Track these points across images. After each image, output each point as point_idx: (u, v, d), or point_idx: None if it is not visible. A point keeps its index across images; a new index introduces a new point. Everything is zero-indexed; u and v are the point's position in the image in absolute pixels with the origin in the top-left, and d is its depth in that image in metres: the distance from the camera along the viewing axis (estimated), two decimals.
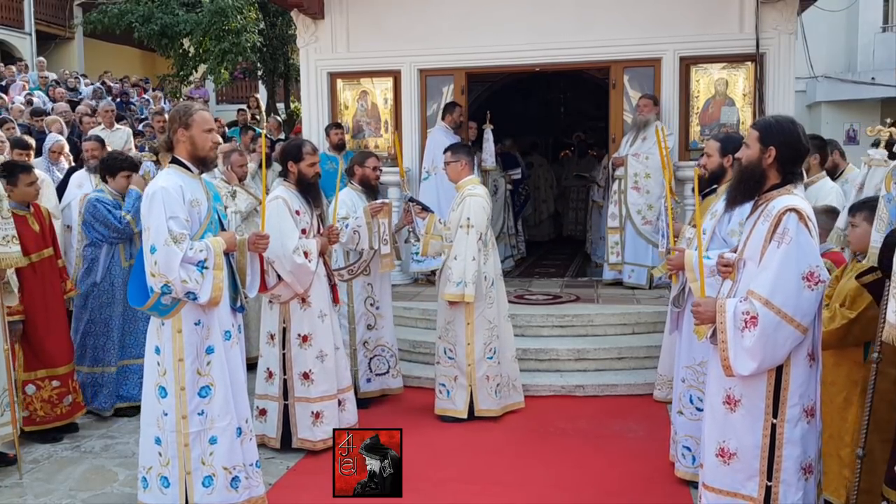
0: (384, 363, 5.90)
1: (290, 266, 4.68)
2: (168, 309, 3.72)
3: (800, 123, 3.27)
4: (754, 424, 3.14)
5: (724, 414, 3.23)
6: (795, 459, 3.10)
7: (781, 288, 3.00)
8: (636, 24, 7.57)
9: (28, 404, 5.09)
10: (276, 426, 4.96)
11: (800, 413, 3.11)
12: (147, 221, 3.68)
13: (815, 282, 3.00)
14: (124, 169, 5.64)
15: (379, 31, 8.09)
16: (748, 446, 3.16)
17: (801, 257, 3.01)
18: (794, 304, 3.00)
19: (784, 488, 3.11)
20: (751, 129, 3.30)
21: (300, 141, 5.17)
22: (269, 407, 4.99)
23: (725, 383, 3.20)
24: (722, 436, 3.23)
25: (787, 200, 3.09)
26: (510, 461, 4.80)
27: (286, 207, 4.78)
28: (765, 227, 3.08)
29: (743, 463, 3.18)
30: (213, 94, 21.14)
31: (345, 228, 5.51)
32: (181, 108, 3.87)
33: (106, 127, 9.70)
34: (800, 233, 3.01)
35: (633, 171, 7.48)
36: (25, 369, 5.09)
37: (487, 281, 5.47)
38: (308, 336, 4.89)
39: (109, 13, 15.74)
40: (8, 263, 4.43)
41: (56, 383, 5.18)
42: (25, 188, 5.03)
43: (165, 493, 3.79)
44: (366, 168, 5.83)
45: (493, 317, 5.49)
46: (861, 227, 3.70)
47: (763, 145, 3.17)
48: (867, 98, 15.69)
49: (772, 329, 3.00)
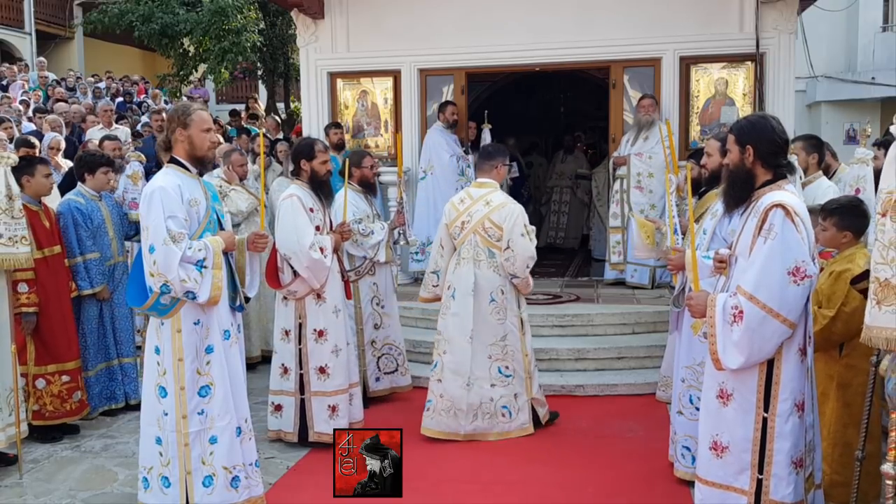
0: (392, 361, 5.93)
1: (307, 262, 4.74)
2: (167, 308, 3.72)
3: (774, 117, 3.32)
4: (746, 418, 3.17)
5: (717, 408, 3.26)
6: (786, 453, 3.12)
7: (766, 283, 3.02)
8: (636, 24, 7.56)
9: (38, 398, 5.13)
10: (293, 421, 5.01)
11: (791, 407, 3.13)
12: (146, 221, 3.68)
13: (801, 277, 3.01)
14: (103, 165, 5.65)
15: (379, 30, 8.08)
16: (740, 440, 3.19)
17: (786, 252, 3.02)
18: (780, 299, 3.01)
19: (775, 482, 3.13)
20: (728, 134, 3.36)
21: (311, 140, 5.22)
22: (286, 402, 5.03)
23: (719, 377, 3.23)
24: (715, 429, 3.27)
25: (774, 196, 3.11)
26: (510, 461, 4.80)
27: (300, 205, 4.84)
28: (754, 223, 3.12)
29: (734, 456, 3.21)
30: (213, 93, 21.15)
31: (361, 232, 5.58)
32: (180, 108, 3.88)
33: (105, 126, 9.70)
34: (786, 228, 3.02)
35: (635, 171, 7.48)
36: (36, 363, 5.13)
37: (450, 290, 5.13)
38: (324, 331, 4.94)
39: (109, 13, 15.73)
40: (13, 264, 4.42)
41: (66, 378, 5.22)
42: (42, 179, 5.11)
43: (166, 493, 3.79)
44: (363, 168, 5.86)
45: (443, 327, 5.17)
46: (829, 231, 3.82)
47: (741, 146, 3.24)
48: (867, 98, 15.68)
49: (756, 323, 3.02)
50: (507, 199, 5.12)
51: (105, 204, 5.69)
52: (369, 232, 5.67)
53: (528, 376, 5.15)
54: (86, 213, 5.47)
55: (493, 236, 5.03)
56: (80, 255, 5.39)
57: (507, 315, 5.08)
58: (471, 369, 5.04)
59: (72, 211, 5.41)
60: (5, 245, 4.30)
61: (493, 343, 5.07)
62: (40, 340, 5.13)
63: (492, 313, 5.05)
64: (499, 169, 5.21)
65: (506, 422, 5.11)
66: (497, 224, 5.00)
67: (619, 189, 7.65)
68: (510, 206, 5.05)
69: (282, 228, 4.80)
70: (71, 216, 5.39)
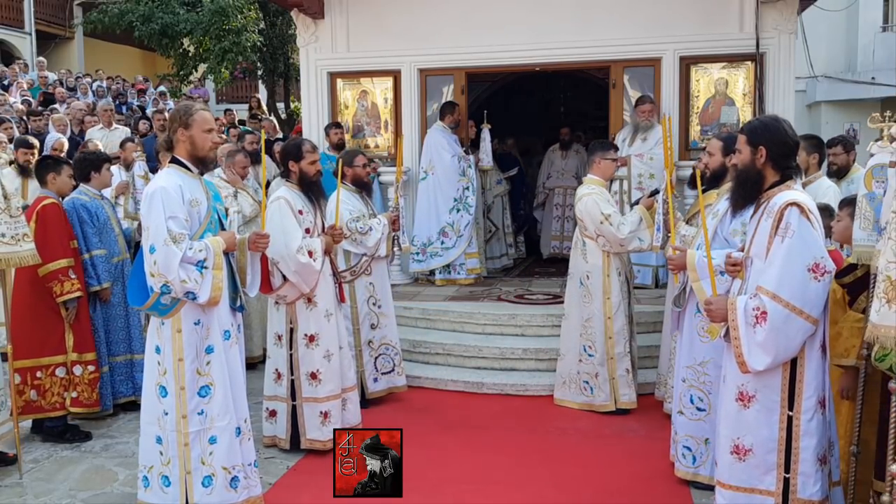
0: (389, 361, 5.92)
1: (294, 266, 4.69)
2: (168, 309, 3.72)
3: (784, 119, 3.34)
4: (770, 418, 3.18)
5: (736, 411, 3.26)
6: (813, 450, 3.14)
7: (788, 281, 3.04)
8: (636, 24, 7.56)
9: (76, 385, 5.21)
10: (285, 427, 4.97)
11: (815, 404, 3.15)
12: (146, 221, 3.69)
13: (820, 273, 3.04)
14: (106, 161, 5.74)
15: (379, 30, 8.08)
16: (764, 440, 3.20)
17: (804, 250, 3.05)
18: (802, 296, 3.03)
19: (803, 479, 3.15)
20: (738, 134, 3.38)
21: (299, 140, 5.15)
22: (279, 408, 4.99)
23: (738, 380, 3.23)
24: (736, 433, 3.27)
25: (787, 195, 3.14)
26: (510, 461, 4.80)
27: (288, 207, 4.78)
28: (768, 224, 3.12)
29: (759, 458, 3.22)
30: (213, 93, 21.14)
31: (359, 230, 5.56)
32: (181, 108, 3.87)
33: (105, 126, 9.70)
34: (802, 226, 3.05)
35: (636, 172, 7.47)
36: (77, 350, 5.23)
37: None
38: (315, 336, 4.90)
39: (109, 13, 15.72)
40: (19, 262, 4.43)
41: (91, 368, 5.29)
42: (66, 179, 5.31)
43: (166, 493, 3.80)
44: (356, 167, 5.79)
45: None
46: (844, 221, 3.79)
47: (752, 147, 3.26)
48: (867, 98, 15.67)
49: (781, 322, 3.04)
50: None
51: (107, 203, 5.72)
52: (367, 229, 5.61)
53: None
54: (91, 211, 5.48)
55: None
56: (87, 251, 5.40)
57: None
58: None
59: (77, 209, 5.43)
60: (8, 244, 4.30)
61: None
62: (79, 327, 5.22)
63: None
64: (598, 163, 5.51)
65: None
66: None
67: (619, 190, 7.64)
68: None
69: (270, 232, 4.74)
70: (76, 214, 5.40)
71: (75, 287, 5.10)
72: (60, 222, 5.15)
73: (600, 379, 5.54)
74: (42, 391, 5.12)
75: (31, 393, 5.09)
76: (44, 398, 5.12)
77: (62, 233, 5.14)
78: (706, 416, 4.27)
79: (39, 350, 5.11)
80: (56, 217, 5.12)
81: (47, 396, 5.13)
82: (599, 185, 5.55)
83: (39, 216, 5.05)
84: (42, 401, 5.12)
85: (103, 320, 5.58)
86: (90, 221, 5.45)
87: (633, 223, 5.33)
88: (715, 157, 4.55)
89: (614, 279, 5.48)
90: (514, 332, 6.63)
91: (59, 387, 5.15)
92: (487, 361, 6.41)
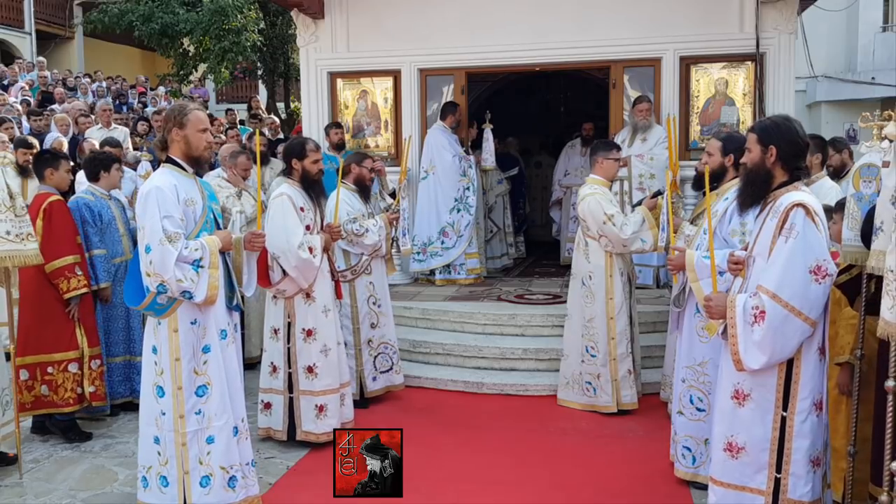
0: (388, 360, 5.93)
1: (295, 261, 4.75)
2: (164, 308, 3.72)
3: (796, 119, 3.33)
4: (764, 417, 3.18)
5: (732, 409, 3.26)
6: (805, 452, 3.14)
7: (789, 282, 3.03)
8: (636, 24, 7.56)
9: (94, 380, 5.24)
10: (282, 419, 5.02)
11: (810, 406, 3.14)
12: (142, 221, 3.68)
13: (822, 275, 3.03)
14: (115, 161, 5.75)
15: (379, 30, 8.08)
16: (757, 439, 3.20)
17: (807, 251, 3.04)
18: (802, 298, 3.03)
19: (794, 480, 3.14)
20: (749, 133, 3.36)
21: (303, 139, 5.20)
22: (275, 400, 5.04)
23: (734, 378, 3.23)
24: (730, 430, 3.27)
25: (794, 196, 3.13)
26: (510, 461, 4.80)
27: (290, 204, 4.83)
28: (773, 224, 3.12)
29: (751, 456, 3.22)
30: (212, 93, 21.15)
31: (355, 232, 5.56)
32: (176, 108, 3.88)
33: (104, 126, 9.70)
34: (807, 227, 3.05)
35: (637, 173, 7.46)
36: (90, 344, 5.24)
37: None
38: (312, 330, 4.94)
39: (110, 13, 15.74)
40: (24, 261, 4.43)
41: (97, 362, 5.30)
42: (64, 174, 5.28)
43: (165, 493, 3.80)
44: (363, 168, 5.82)
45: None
46: (839, 223, 3.78)
47: (763, 146, 3.24)
48: (867, 98, 15.65)
49: (779, 322, 3.03)
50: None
51: (115, 203, 5.71)
52: (364, 231, 5.63)
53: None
54: (95, 211, 5.48)
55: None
56: (87, 251, 5.40)
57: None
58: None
59: (80, 208, 5.44)
60: (13, 242, 4.31)
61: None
62: (87, 323, 5.24)
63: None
64: (601, 163, 5.52)
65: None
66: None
67: (619, 191, 7.63)
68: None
69: (271, 227, 4.79)
70: (79, 213, 5.40)
71: (81, 283, 5.10)
72: (66, 218, 5.16)
73: (603, 380, 5.53)
74: (54, 386, 5.11)
75: (42, 388, 5.09)
76: (56, 393, 5.12)
77: (68, 229, 5.15)
78: (706, 417, 4.26)
79: (52, 346, 5.10)
80: (62, 213, 5.13)
81: (59, 392, 5.13)
82: (602, 185, 5.54)
83: (46, 213, 5.05)
84: (54, 395, 5.12)
85: (103, 320, 5.58)
86: (92, 221, 5.45)
87: (636, 224, 5.33)
88: (714, 157, 4.54)
89: (617, 280, 5.47)
90: (514, 332, 6.63)
91: (73, 382, 5.15)
92: (487, 361, 6.41)
